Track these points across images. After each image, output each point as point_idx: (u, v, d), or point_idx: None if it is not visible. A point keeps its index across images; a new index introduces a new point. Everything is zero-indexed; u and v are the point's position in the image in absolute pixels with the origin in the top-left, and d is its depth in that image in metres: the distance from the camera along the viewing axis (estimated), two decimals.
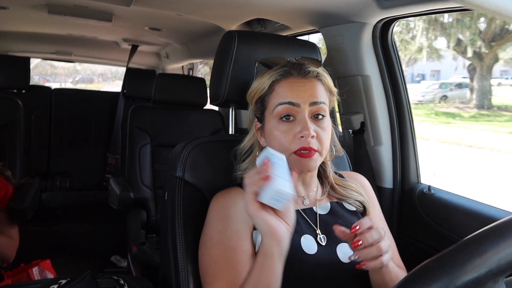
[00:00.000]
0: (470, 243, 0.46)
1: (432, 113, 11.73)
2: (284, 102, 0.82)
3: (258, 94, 0.87)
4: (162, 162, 2.08)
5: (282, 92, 0.83)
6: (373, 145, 1.46)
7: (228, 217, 0.82)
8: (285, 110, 0.82)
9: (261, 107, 0.87)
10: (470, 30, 9.93)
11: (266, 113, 0.86)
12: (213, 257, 0.80)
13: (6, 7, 1.93)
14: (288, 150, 0.81)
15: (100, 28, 2.36)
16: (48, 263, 1.58)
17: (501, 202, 1.27)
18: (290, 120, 0.82)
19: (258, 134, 0.89)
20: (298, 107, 0.81)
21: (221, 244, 0.80)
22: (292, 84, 0.83)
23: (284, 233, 0.70)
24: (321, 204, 0.91)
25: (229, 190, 0.88)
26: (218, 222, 0.82)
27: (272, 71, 0.86)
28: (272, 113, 0.84)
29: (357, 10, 1.30)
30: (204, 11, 1.71)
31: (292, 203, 0.71)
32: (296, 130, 0.81)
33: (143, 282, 1.04)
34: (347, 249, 0.85)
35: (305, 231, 0.85)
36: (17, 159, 1.90)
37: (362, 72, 1.42)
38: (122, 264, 2.52)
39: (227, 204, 0.84)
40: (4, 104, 1.95)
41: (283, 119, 0.82)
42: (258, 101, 0.88)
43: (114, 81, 18.18)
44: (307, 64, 0.86)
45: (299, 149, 0.80)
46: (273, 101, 0.84)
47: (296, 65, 0.86)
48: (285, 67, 0.85)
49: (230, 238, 0.80)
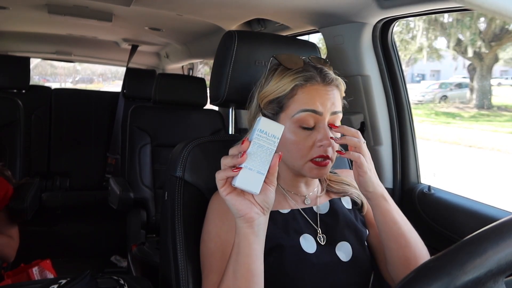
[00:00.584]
0: (470, 243, 0.46)
1: (432, 113, 11.73)
2: (308, 109, 0.80)
3: (276, 95, 0.84)
4: (162, 162, 2.08)
5: (306, 98, 0.81)
6: (373, 145, 1.46)
7: (226, 213, 0.82)
8: (308, 117, 0.80)
9: (277, 108, 0.84)
10: (470, 30, 9.93)
11: (282, 115, 0.84)
12: (210, 251, 0.81)
13: (6, 7, 1.93)
14: (305, 157, 0.81)
15: (100, 28, 2.37)
16: (48, 263, 1.58)
17: (501, 202, 1.27)
18: (310, 128, 0.81)
19: None
20: (321, 115, 0.81)
21: (218, 237, 0.81)
22: (316, 92, 0.81)
23: (255, 215, 0.69)
24: (321, 203, 0.91)
25: None
26: (216, 218, 0.83)
27: (294, 73, 0.83)
28: (291, 117, 0.82)
29: (357, 10, 1.30)
30: (204, 11, 1.71)
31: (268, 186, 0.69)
32: (315, 137, 0.81)
33: (143, 282, 1.04)
34: (347, 249, 0.86)
35: (305, 231, 0.85)
36: (17, 159, 1.90)
37: (362, 72, 1.42)
38: (122, 264, 2.52)
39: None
40: (4, 104, 1.95)
41: (303, 127, 0.81)
42: (274, 102, 0.84)
43: (114, 81, 18.18)
44: (326, 69, 0.85)
45: (316, 157, 0.81)
46: (295, 106, 0.81)
47: (317, 70, 0.84)
48: (308, 72, 0.83)
49: (227, 231, 0.81)
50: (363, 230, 0.91)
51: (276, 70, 0.86)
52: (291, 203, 0.89)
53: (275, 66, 0.87)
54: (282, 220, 0.85)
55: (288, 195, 0.89)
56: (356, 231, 0.89)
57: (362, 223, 0.93)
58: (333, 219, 0.89)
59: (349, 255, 0.85)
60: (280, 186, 0.89)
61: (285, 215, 0.86)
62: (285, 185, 0.90)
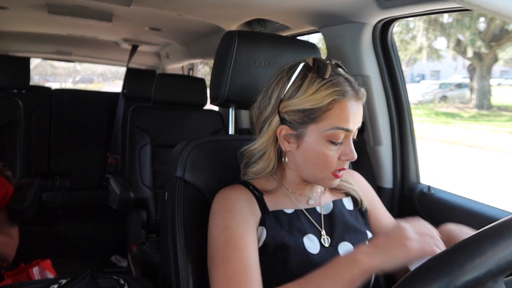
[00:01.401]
0: (470, 243, 0.46)
1: (432, 113, 11.73)
2: (343, 128, 0.79)
3: (309, 106, 0.79)
4: (162, 162, 2.08)
5: (342, 115, 0.79)
6: (373, 145, 1.46)
7: (233, 208, 0.82)
8: (339, 134, 0.80)
9: (307, 119, 0.80)
10: (470, 30, 9.94)
11: (311, 126, 0.81)
12: (221, 242, 0.79)
13: (6, 7, 1.93)
14: (330, 169, 0.82)
15: (100, 28, 2.36)
16: (48, 263, 1.59)
17: (501, 202, 1.27)
18: (340, 142, 0.82)
19: (282, 139, 0.84)
20: (351, 132, 0.82)
21: (228, 229, 0.79)
22: (351, 108, 0.80)
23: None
24: (325, 203, 0.91)
25: (234, 186, 0.88)
26: (224, 213, 0.82)
27: (331, 85, 0.79)
28: (322, 132, 0.80)
29: (357, 10, 1.30)
30: (204, 11, 1.71)
31: None
32: (341, 151, 0.82)
33: (143, 282, 1.04)
34: (349, 250, 0.86)
35: (309, 231, 0.85)
36: (17, 159, 1.90)
37: (362, 72, 1.42)
38: (122, 264, 2.52)
39: (233, 197, 0.84)
40: (4, 104, 1.95)
41: (333, 141, 0.81)
42: (304, 111, 0.80)
43: (114, 81, 18.18)
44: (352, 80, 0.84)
45: (337, 170, 0.83)
46: (328, 121, 0.79)
47: (347, 82, 0.81)
48: (343, 86, 0.80)
49: (238, 224, 0.80)
50: (365, 232, 0.91)
51: (306, 76, 0.81)
52: (295, 203, 0.88)
53: (303, 72, 0.82)
54: (286, 220, 0.85)
55: (292, 196, 0.89)
56: (357, 232, 0.89)
57: (364, 225, 0.93)
58: (336, 219, 0.89)
59: None
60: (285, 187, 0.89)
61: (289, 215, 0.86)
62: (290, 187, 0.90)
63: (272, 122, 0.85)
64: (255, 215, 0.83)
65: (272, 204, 0.86)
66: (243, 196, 0.85)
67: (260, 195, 0.86)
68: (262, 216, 0.84)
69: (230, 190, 0.86)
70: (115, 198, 1.97)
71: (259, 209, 0.84)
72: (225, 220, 0.81)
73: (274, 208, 0.86)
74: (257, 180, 0.89)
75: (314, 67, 0.81)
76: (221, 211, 0.83)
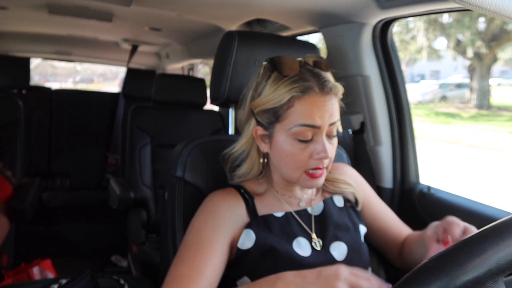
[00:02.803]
0: (470, 243, 0.46)
1: (432, 113, 11.74)
2: (306, 124, 0.77)
3: (272, 105, 0.79)
4: (162, 162, 2.08)
5: (304, 111, 0.77)
6: (373, 145, 1.46)
7: (212, 212, 0.81)
8: (305, 131, 0.77)
9: (273, 119, 0.80)
10: (470, 30, 9.94)
11: (277, 126, 0.80)
12: (187, 242, 0.79)
13: (6, 7, 1.93)
14: (301, 168, 0.80)
15: (100, 28, 2.37)
16: (48, 263, 1.59)
17: (501, 202, 1.27)
18: (308, 140, 0.79)
19: (259, 139, 0.84)
20: (319, 129, 0.77)
21: (198, 232, 0.79)
22: (314, 104, 0.77)
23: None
24: (315, 204, 0.90)
25: (224, 190, 0.87)
26: (202, 214, 0.82)
27: (290, 82, 0.78)
28: (288, 130, 0.78)
29: (357, 10, 1.30)
30: (204, 11, 1.72)
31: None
32: (312, 149, 0.78)
33: (143, 282, 1.05)
34: (341, 248, 0.85)
35: (299, 234, 0.84)
36: (17, 159, 1.90)
37: (362, 72, 1.42)
38: (122, 264, 2.52)
39: (217, 201, 0.83)
40: (4, 104, 1.95)
41: (300, 139, 0.78)
42: (269, 111, 0.80)
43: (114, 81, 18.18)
44: (321, 73, 0.80)
45: (312, 168, 0.79)
46: (292, 119, 0.78)
47: (313, 77, 0.79)
48: (306, 81, 0.78)
49: (211, 229, 0.79)
50: (358, 229, 0.91)
51: (270, 76, 0.81)
52: (285, 206, 0.87)
53: (268, 72, 0.82)
54: (276, 224, 0.84)
55: (282, 198, 0.88)
56: (349, 229, 0.89)
57: (358, 220, 0.93)
58: (328, 219, 0.88)
59: (343, 255, 0.85)
60: (275, 190, 0.89)
61: (279, 219, 0.85)
62: (280, 189, 0.89)
63: (250, 123, 0.86)
64: (239, 221, 0.82)
65: (263, 207, 0.86)
66: (229, 201, 0.84)
67: (250, 199, 0.85)
68: (250, 221, 0.83)
69: (218, 193, 0.86)
70: (115, 198, 1.97)
71: (247, 213, 0.84)
72: (200, 223, 0.81)
73: (264, 212, 0.85)
74: (248, 183, 0.89)
75: (276, 66, 0.80)
76: (200, 213, 0.83)
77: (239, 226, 0.82)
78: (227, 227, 0.81)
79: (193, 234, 0.79)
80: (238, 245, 0.81)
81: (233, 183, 0.90)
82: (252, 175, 0.88)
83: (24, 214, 1.57)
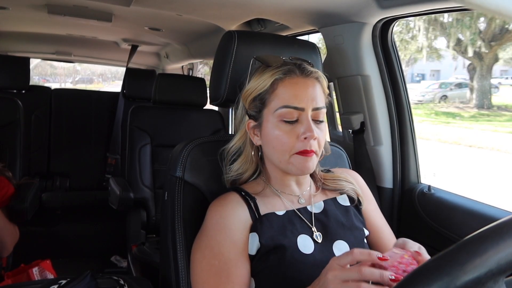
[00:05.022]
0: (470, 243, 0.46)
1: (432, 113, 11.73)
2: (289, 106, 0.81)
3: (257, 92, 0.85)
4: (162, 162, 2.08)
5: (286, 93, 0.82)
6: (373, 145, 1.46)
7: (226, 227, 0.81)
8: (290, 113, 0.81)
9: (260, 105, 0.85)
10: (470, 30, 9.94)
11: (264, 112, 0.85)
12: (213, 268, 0.78)
13: (6, 7, 1.93)
14: (290, 151, 0.82)
15: (100, 28, 2.36)
16: (48, 263, 1.59)
17: (501, 202, 1.27)
18: (293, 121, 0.82)
19: (251, 133, 0.88)
20: (303, 110, 0.81)
21: (221, 255, 0.78)
22: (295, 85, 0.82)
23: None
24: (316, 202, 0.91)
25: (226, 196, 0.87)
26: (217, 232, 0.81)
27: (273, 68, 0.84)
28: (273, 113, 0.83)
29: (357, 10, 1.30)
30: (204, 11, 1.71)
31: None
32: (299, 131, 0.81)
33: (143, 282, 1.04)
34: (344, 247, 0.85)
35: (301, 231, 0.84)
36: (17, 160, 1.90)
37: (362, 72, 1.42)
38: (122, 264, 2.52)
39: (225, 213, 0.83)
40: (4, 104, 1.95)
41: (285, 120, 0.82)
42: (256, 99, 0.86)
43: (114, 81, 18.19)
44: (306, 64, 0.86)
45: (301, 151, 0.81)
46: (276, 102, 0.83)
47: (297, 65, 0.85)
48: (287, 65, 0.84)
49: (230, 249, 0.79)
50: (362, 229, 0.91)
51: (258, 69, 0.88)
52: (286, 204, 0.88)
53: (256, 67, 0.89)
54: (278, 222, 0.84)
55: (282, 196, 0.89)
56: (353, 229, 0.89)
57: (361, 222, 0.93)
58: (328, 218, 0.88)
59: None
60: (273, 187, 0.89)
61: (281, 217, 0.85)
62: (277, 185, 0.90)
63: (243, 119, 0.90)
64: (246, 225, 0.83)
65: (265, 206, 0.86)
66: (234, 207, 0.84)
67: (252, 200, 0.86)
68: (253, 223, 0.83)
69: (223, 202, 0.85)
70: (115, 198, 1.97)
71: (250, 215, 0.84)
72: (218, 244, 0.80)
73: (266, 211, 0.85)
74: (247, 186, 0.91)
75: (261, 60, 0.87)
76: (214, 230, 0.82)
77: (246, 231, 0.82)
78: (241, 238, 0.81)
79: (218, 259, 0.78)
80: (248, 252, 0.82)
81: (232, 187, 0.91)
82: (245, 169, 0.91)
83: (24, 215, 1.57)
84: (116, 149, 2.85)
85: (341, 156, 1.10)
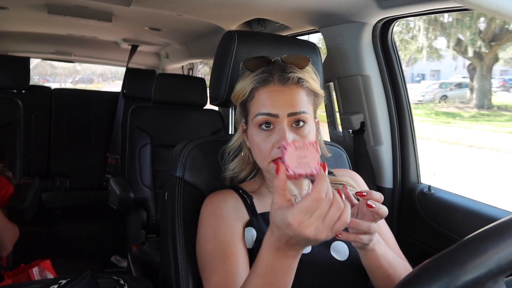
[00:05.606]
0: (470, 243, 0.46)
1: (432, 113, 11.73)
2: (263, 113, 0.81)
3: (241, 98, 0.87)
4: (162, 162, 2.08)
5: (261, 101, 0.82)
6: (373, 145, 1.45)
7: (221, 215, 0.83)
8: (264, 120, 0.81)
9: (244, 112, 0.88)
10: (470, 30, 9.93)
11: (249, 119, 0.86)
12: (209, 253, 0.80)
13: (6, 7, 1.93)
14: (267, 158, 0.82)
15: (100, 28, 2.36)
16: (48, 263, 1.58)
17: (501, 202, 1.27)
18: (269, 128, 0.82)
19: (244, 135, 0.90)
20: (277, 117, 0.80)
21: (216, 239, 0.81)
22: (270, 93, 0.82)
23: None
24: None
25: (222, 191, 0.89)
26: (212, 220, 0.83)
27: (253, 75, 0.85)
28: (252, 120, 0.84)
29: (357, 10, 1.30)
30: (204, 11, 1.71)
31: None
32: (274, 138, 0.81)
33: (143, 282, 1.04)
34: (342, 248, 0.85)
35: None
36: (17, 159, 1.90)
37: (362, 72, 1.42)
38: (122, 264, 2.52)
39: (219, 203, 0.85)
40: (4, 104, 1.95)
41: (263, 128, 0.82)
42: (241, 105, 0.88)
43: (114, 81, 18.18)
44: (290, 68, 0.84)
45: (278, 158, 0.80)
46: (253, 109, 0.84)
47: (277, 70, 0.83)
48: (265, 73, 0.83)
49: (225, 233, 0.81)
50: None
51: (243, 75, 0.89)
52: None
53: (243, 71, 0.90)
54: None
55: None
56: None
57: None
58: None
59: (345, 255, 0.85)
60: (269, 186, 0.90)
61: None
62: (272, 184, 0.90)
63: (239, 119, 0.92)
64: (242, 219, 0.84)
65: (261, 205, 0.87)
66: (230, 201, 0.86)
67: (249, 198, 0.87)
68: (250, 219, 0.84)
69: (218, 195, 0.88)
70: (115, 198, 1.97)
71: (247, 212, 0.85)
72: (212, 229, 0.82)
73: (263, 210, 0.86)
74: (244, 184, 0.92)
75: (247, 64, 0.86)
76: (209, 219, 0.84)
77: (242, 225, 0.84)
78: (238, 226, 0.83)
79: (213, 243, 0.80)
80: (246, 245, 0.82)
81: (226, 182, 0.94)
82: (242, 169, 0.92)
83: (23, 215, 1.57)
84: (116, 149, 2.84)
85: (341, 156, 1.10)
